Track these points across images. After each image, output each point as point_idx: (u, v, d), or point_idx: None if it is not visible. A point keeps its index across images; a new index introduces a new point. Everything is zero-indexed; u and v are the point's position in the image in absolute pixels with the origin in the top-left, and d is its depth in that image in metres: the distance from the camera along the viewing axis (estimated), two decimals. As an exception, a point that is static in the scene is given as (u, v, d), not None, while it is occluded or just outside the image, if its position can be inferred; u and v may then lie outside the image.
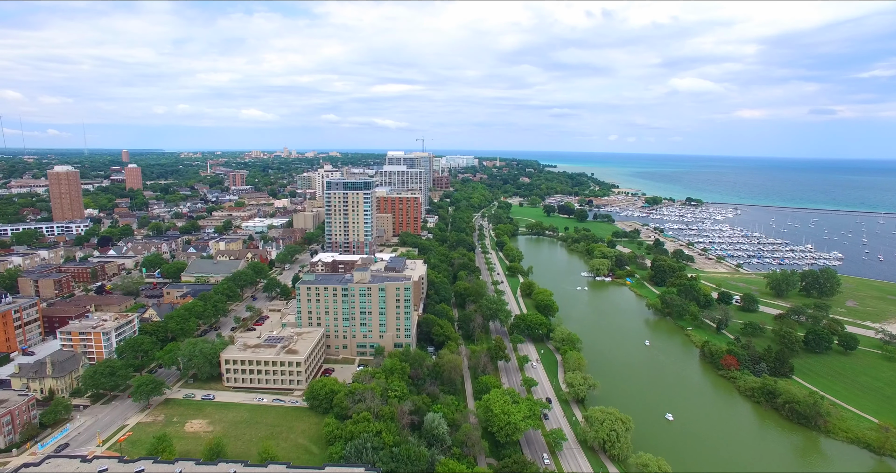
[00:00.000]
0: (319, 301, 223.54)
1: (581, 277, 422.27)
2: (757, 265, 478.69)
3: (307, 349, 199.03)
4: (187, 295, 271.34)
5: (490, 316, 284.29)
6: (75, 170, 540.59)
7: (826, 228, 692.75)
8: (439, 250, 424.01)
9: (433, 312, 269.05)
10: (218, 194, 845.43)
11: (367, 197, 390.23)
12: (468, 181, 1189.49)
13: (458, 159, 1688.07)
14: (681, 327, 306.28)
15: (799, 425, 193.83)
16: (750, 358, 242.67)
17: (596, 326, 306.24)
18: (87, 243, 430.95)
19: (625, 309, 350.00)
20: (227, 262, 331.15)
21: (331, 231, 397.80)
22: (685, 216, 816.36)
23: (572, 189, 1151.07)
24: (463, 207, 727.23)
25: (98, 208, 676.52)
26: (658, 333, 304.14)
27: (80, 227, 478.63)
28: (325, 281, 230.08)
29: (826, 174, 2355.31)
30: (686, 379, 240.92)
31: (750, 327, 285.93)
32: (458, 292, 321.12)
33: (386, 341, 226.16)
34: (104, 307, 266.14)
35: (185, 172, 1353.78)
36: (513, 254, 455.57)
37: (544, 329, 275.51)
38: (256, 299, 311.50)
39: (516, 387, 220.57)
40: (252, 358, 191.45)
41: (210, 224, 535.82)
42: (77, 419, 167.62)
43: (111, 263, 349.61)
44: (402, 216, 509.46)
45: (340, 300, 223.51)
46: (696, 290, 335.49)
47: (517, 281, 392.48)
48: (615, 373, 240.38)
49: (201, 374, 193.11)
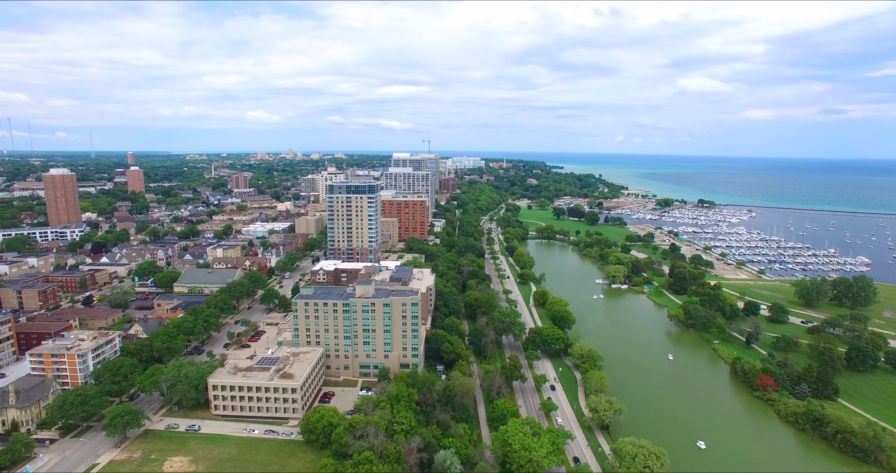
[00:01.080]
0: (318, 317, 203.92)
1: (596, 285, 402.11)
2: (779, 271, 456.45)
3: (304, 372, 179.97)
4: (178, 309, 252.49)
5: (503, 330, 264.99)
6: (71, 174, 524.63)
7: (847, 231, 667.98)
8: (447, 256, 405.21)
9: (442, 326, 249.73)
10: (220, 197, 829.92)
11: (371, 201, 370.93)
12: (475, 183, 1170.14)
13: (465, 160, 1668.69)
14: (706, 340, 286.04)
15: (854, 458, 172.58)
16: (788, 378, 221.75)
17: (615, 339, 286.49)
18: (81, 249, 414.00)
19: (644, 319, 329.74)
20: (223, 272, 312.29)
21: (333, 237, 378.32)
22: (699, 218, 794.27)
23: (581, 191, 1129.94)
24: (470, 210, 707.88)
25: (97, 212, 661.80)
26: (681, 346, 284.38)
27: (76, 233, 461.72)
28: (324, 295, 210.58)
29: (838, 174, 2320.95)
30: (717, 401, 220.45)
31: (783, 341, 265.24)
32: (469, 303, 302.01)
33: (391, 361, 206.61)
34: (89, 321, 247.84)
35: (189, 174, 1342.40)
36: (524, 260, 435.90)
37: (561, 344, 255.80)
38: (253, 310, 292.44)
39: (534, 412, 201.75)
40: (242, 384, 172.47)
41: (210, 228, 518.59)
42: (39, 457, 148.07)
43: (102, 272, 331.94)
44: (409, 220, 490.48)
45: (341, 316, 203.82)
46: (720, 300, 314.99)
47: (529, 290, 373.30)
48: (639, 393, 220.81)
49: (186, 401, 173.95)
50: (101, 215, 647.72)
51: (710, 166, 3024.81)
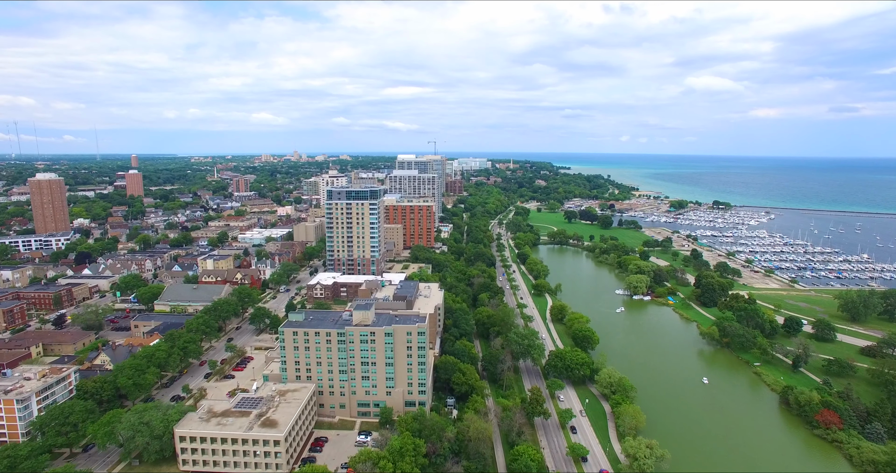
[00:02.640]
0: (309, 348, 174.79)
1: (616, 296, 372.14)
2: (812, 279, 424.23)
3: (291, 418, 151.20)
4: (154, 333, 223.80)
5: (521, 354, 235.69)
6: (59, 178, 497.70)
7: (877, 234, 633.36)
8: (456, 266, 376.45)
9: (452, 352, 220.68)
10: (220, 201, 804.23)
11: (373, 207, 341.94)
12: (482, 185, 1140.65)
13: (471, 161, 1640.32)
14: (745, 361, 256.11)
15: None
16: (856, 414, 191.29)
17: (643, 360, 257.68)
18: (65, 260, 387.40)
19: (672, 336, 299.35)
20: (209, 288, 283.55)
21: (333, 247, 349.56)
22: (715, 221, 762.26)
23: (591, 192, 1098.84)
24: (478, 214, 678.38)
25: (91, 217, 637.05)
26: (717, 369, 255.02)
27: (62, 241, 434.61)
28: (316, 322, 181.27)
29: (852, 173, 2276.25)
30: (770, 440, 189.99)
31: (836, 365, 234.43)
32: (481, 321, 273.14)
33: (394, 399, 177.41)
34: (55, 346, 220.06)
35: (192, 177, 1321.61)
36: (537, 269, 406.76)
37: (587, 370, 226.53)
38: (242, 331, 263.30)
39: (561, 457, 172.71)
40: (216, 435, 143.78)
41: (205, 235, 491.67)
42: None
43: (81, 286, 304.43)
44: (414, 226, 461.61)
45: (336, 347, 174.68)
46: (758, 316, 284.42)
47: (544, 302, 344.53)
48: (677, 429, 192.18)
49: (149, 455, 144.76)
50: (95, 221, 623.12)
51: (719, 166, 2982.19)
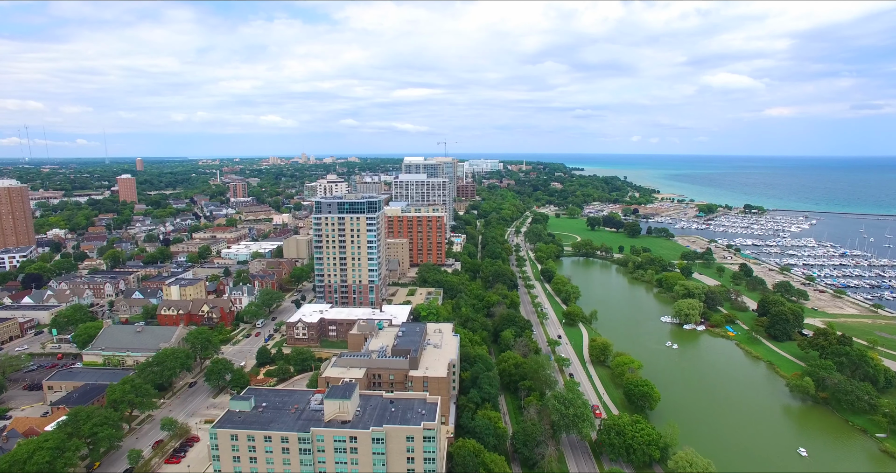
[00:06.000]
0: (257, 461, 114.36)
1: (662, 325, 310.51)
2: (893, 301, 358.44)
3: None
4: (61, 406, 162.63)
5: (564, 427, 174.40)
6: (21, 186, 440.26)
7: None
8: (471, 290, 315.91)
9: (472, 430, 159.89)
10: (214, 208, 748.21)
11: (371, 223, 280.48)
12: (495, 188, 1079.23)
13: (482, 163, 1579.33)
14: (859, 429, 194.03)
15: None
16: None
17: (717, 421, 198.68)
18: (13, 282, 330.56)
19: (745, 383, 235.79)
20: (157, 331, 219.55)
21: (322, 270, 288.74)
22: (751, 227, 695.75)
23: (610, 195, 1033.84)
24: (493, 222, 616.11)
25: (70, 227, 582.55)
26: (815, 434, 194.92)
27: (16, 258, 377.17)
28: (269, 416, 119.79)
29: (882, 173, 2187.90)
30: None
31: None
32: (506, 370, 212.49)
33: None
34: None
35: (195, 181, 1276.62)
36: (566, 291, 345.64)
37: (654, 451, 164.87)
38: (196, 391, 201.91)
39: None
40: None
41: (186, 250, 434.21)
42: None
43: (10, 322, 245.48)
44: (422, 240, 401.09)
45: (297, 459, 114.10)
46: (867, 364, 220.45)
47: (579, 335, 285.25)
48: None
49: None
50: (74, 231, 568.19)
51: (736, 166, 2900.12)
